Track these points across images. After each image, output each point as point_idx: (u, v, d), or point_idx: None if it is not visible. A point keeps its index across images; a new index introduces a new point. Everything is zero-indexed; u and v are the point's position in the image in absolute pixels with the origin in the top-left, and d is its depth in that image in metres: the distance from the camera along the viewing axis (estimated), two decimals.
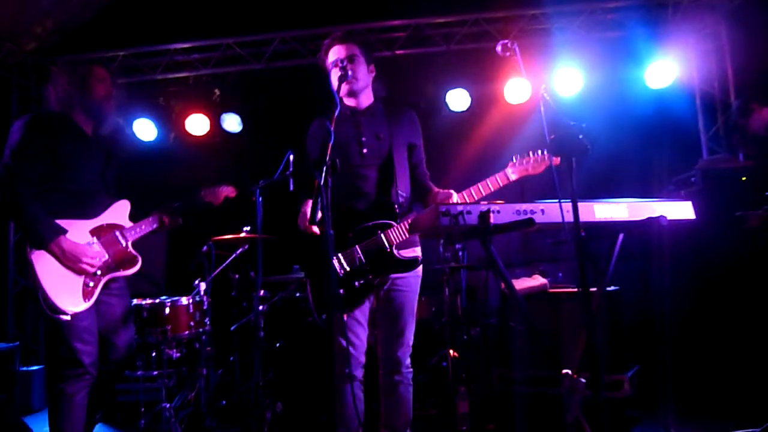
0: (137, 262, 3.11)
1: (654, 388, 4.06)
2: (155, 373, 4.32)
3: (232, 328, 4.69)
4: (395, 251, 2.83)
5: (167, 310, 4.12)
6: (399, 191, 2.89)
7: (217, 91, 6.27)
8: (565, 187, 2.16)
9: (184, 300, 4.23)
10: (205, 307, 4.37)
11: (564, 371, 2.28)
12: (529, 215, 2.12)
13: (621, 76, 5.83)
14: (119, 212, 3.15)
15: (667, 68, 5.63)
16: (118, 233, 3.07)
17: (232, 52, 6.13)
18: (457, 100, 5.83)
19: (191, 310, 4.23)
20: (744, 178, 4.77)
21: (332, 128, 2.20)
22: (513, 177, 2.86)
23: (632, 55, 5.78)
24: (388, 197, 2.88)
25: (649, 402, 3.93)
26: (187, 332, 4.19)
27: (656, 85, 5.70)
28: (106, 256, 2.99)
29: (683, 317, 4.27)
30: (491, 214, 2.09)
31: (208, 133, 6.15)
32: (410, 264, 2.86)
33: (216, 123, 6.12)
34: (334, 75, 2.83)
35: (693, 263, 4.48)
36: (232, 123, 6.11)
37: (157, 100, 6.29)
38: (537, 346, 3.79)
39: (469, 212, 2.08)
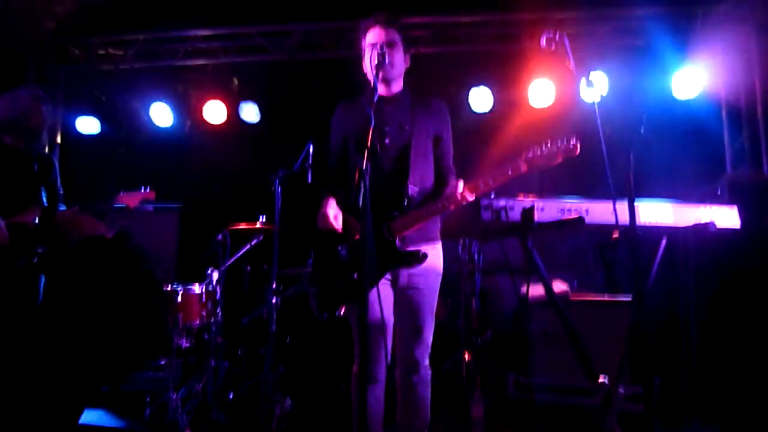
0: None
1: (677, 400, 3.95)
2: (162, 362, 4.24)
3: (245, 320, 4.60)
4: (397, 243, 2.69)
5: (179, 298, 4.03)
6: (411, 183, 2.75)
7: (235, 80, 6.20)
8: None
9: (197, 288, 4.15)
10: (217, 297, 4.28)
11: (601, 380, 2.19)
12: (574, 214, 2.03)
13: (647, 84, 5.73)
14: (30, 213, 3.47)
15: (694, 78, 5.54)
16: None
17: (254, 42, 6.05)
18: (480, 100, 5.74)
19: (204, 299, 4.15)
20: None
21: (372, 112, 2.10)
22: (524, 168, 2.53)
23: (659, 63, 5.69)
24: (399, 189, 2.74)
25: (672, 415, 3.82)
26: (198, 321, 4.10)
27: (682, 95, 5.61)
28: None
29: (707, 329, 4.16)
30: (535, 212, 2.00)
31: (225, 122, 6.08)
32: (411, 258, 2.68)
33: (234, 112, 6.05)
34: (370, 58, 2.73)
35: (716, 274, 4.38)
36: (250, 113, 6.03)
37: (175, 86, 6.23)
38: (557, 353, 3.69)
39: (511, 208, 1.99)
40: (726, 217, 2.28)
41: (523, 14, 5.81)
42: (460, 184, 2.59)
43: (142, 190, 3.73)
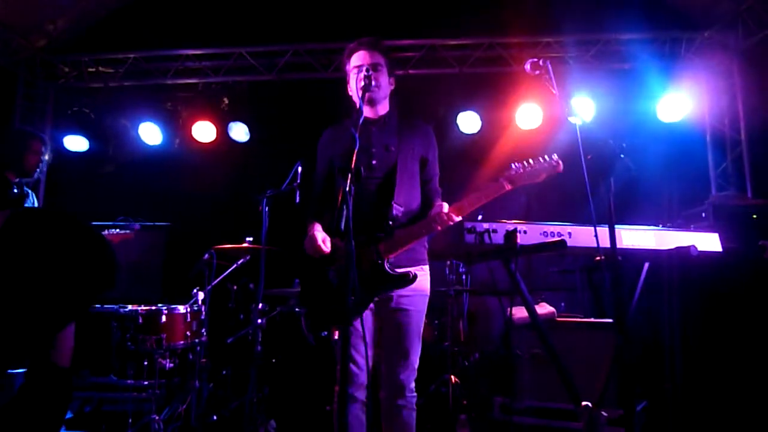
0: None
1: (661, 425, 3.93)
2: (146, 382, 4.17)
3: (229, 340, 4.56)
4: (386, 266, 2.65)
5: (164, 318, 3.99)
6: (396, 204, 2.73)
7: (225, 100, 6.22)
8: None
9: (182, 308, 4.11)
10: (202, 317, 4.24)
11: (584, 404, 2.18)
12: (556, 237, 2.04)
13: (632, 108, 5.82)
14: None
15: (679, 102, 5.63)
16: None
17: (244, 62, 6.10)
18: (468, 122, 5.79)
19: (188, 320, 4.10)
20: (755, 216, 4.71)
21: (357, 134, 2.11)
22: (507, 187, 2.54)
23: (644, 87, 5.78)
24: (384, 210, 2.71)
25: None
26: (182, 342, 4.05)
27: (667, 118, 5.69)
28: None
29: (691, 352, 4.17)
30: (518, 235, 2.01)
31: (214, 140, 6.09)
32: (401, 280, 2.65)
33: (223, 131, 6.06)
34: (355, 80, 2.75)
35: (701, 298, 4.40)
36: (239, 132, 6.05)
37: (164, 104, 6.24)
38: (543, 376, 3.67)
39: (495, 231, 2.00)
40: (707, 241, 2.30)
41: (510, 38, 5.91)
42: (446, 205, 2.59)
43: (126, 231, 3.77)
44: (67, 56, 6.20)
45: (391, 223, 2.70)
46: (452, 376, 4.36)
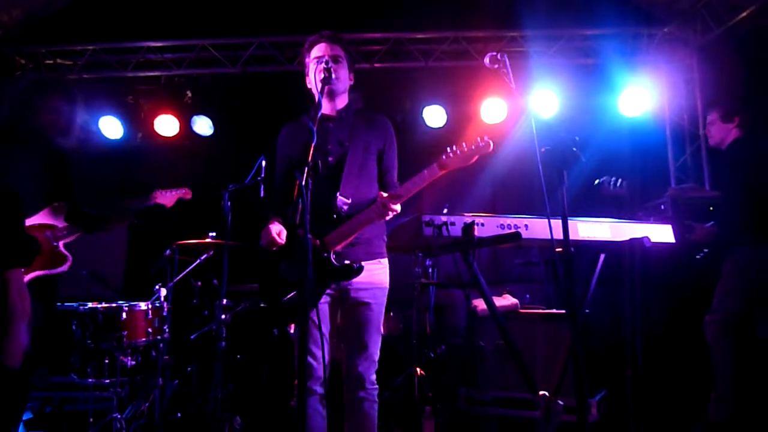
0: (66, 261, 3.22)
1: (621, 413, 4.02)
2: (107, 381, 4.09)
3: (192, 336, 4.51)
4: (332, 258, 2.66)
5: (124, 315, 3.91)
6: (342, 196, 2.73)
7: (188, 93, 6.12)
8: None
9: (143, 305, 4.04)
10: (164, 314, 4.18)
11: (541, 393, 2.22)
12: (513, 230, 2.06)
13: (595, 102, 5.91)
14: (55, 213, 3.28)
15: (640, 97, 5.74)
16: (49, 233, 3.20)
17: (207, 54, 6.00)
18: (434, 116, 5.81)
19: (150, 316, 4.03)
20: (711, 208, 4.84)
21: (315, 128, 2.10)
22: (440, 172, 2.56)
23: (607, 82, 5.87)
24: (330, 203, 2.72)
25: (616, 427, 3.89)
26: (144, 339, 3.99)
27: (629, 112, 5.80)
28: None
29: (651, 342, 4.27)
30: (475, 227, 2.02)
31: (177, 134, 5.98)
32: (347, 271, 2.65)
33: (186, 125, 5.96)
34: (315, 72, 2.73)
35: (662, 288, 4.50)
36: (202, 126, 5.96)
37: (125, 98, 6.11)
38: (507, 366, 3.72)
39: (453, 224, 2.01)
40: (659, 233, 2.35)
41: (475, 32, 5.94)
42: (382, 194, 2.58)
43: (179, 190, 3.62)
44: (23, 48, 6.01)
45: (335, 216, 2.70)
46: (418, 369, 4.38)
